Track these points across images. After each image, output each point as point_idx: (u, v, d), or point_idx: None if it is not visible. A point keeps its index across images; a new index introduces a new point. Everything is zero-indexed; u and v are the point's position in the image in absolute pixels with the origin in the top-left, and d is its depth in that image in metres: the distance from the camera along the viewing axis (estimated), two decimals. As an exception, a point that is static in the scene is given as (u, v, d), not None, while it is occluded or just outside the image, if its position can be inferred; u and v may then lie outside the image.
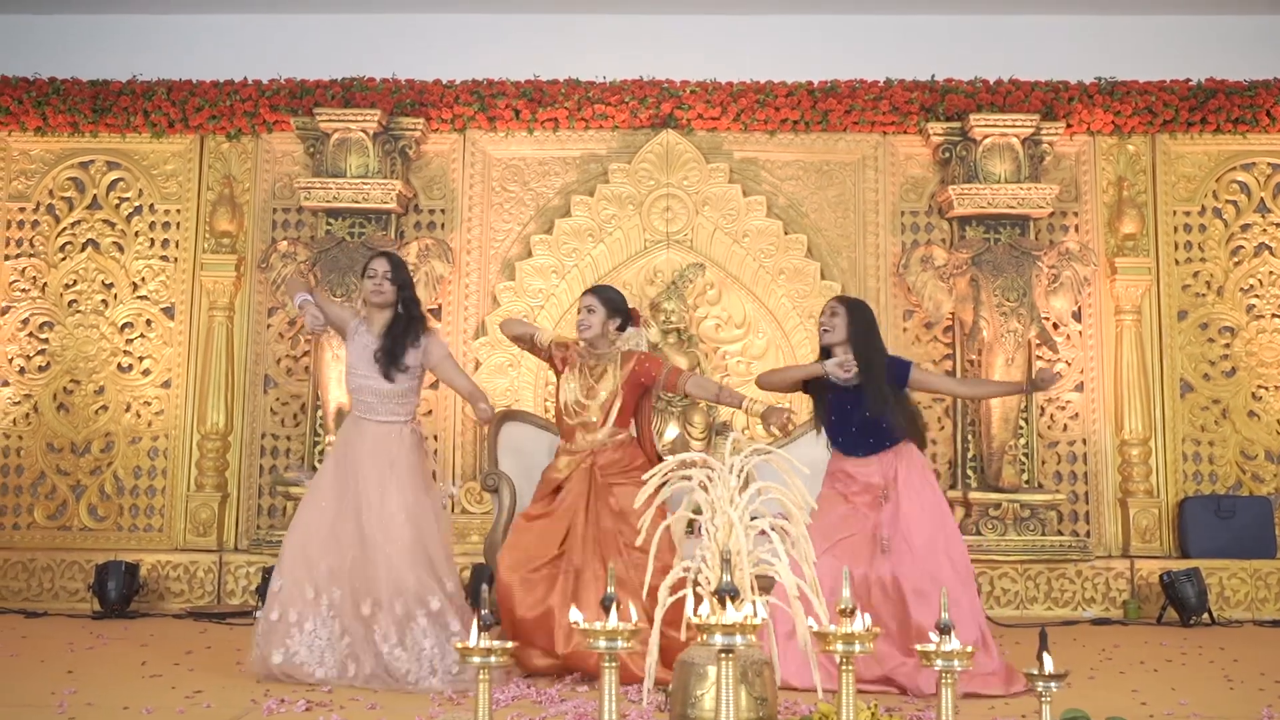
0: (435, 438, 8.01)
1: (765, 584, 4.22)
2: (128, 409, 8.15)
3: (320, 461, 7.72)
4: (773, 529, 3.50)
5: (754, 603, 3.16)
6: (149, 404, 8.15)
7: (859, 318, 5.21)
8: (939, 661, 3.11)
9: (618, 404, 5.28)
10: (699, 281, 7.99)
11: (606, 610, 3.16)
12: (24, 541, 7.97)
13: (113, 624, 6.93)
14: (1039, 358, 7.99)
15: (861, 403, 5.11)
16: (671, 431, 7.58)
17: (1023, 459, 7.85)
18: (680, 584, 3.57)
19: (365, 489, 4.99)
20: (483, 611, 3.18)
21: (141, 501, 8.10)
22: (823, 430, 5.32)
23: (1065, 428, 8.10)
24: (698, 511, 3.68)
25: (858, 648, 3.11)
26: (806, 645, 3.46)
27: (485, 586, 4.68)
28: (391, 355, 5.08)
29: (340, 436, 5.27)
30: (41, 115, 8.21)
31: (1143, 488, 7.94)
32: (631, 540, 4.90)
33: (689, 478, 3.71)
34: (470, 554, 7.59)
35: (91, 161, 8.37)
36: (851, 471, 5.15)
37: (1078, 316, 8.12)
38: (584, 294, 5.49)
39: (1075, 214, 8.26)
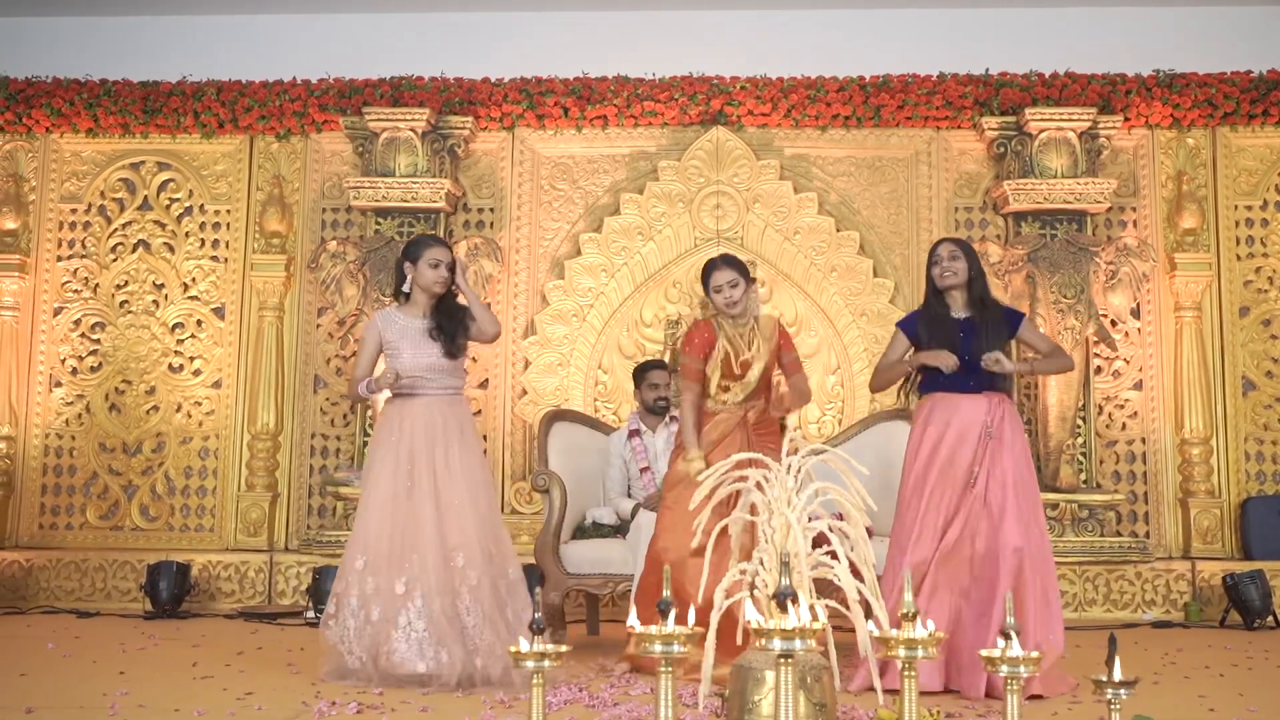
0: (485, 437, 7.98)
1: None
2: (179, 409, 8.17)
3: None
4: (832, 531, 3.42)
5: (813, 606, 3.08)
6: (200, 404, 8.17)
7: (976, 260, 5.19)
8: (1004, 667, 3.02)
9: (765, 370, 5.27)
10: (749, 280, 7.89)
11: (664, 615, 3.09)
12: (76, 541, 8.02)
13: (164, 624, 6.93)
14: (1097, 355, 7.85)
15: (974, 339, 5.04)
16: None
17: (1080, 458, 7.71)
18: (736, 587, 3.50)
19: (435, 458, 4.97)
20: (536, 615, 3.12)
21: (193, 501, 8.11)
22: (918, 373, 5.19)
23: (1124, 426, 7.95)
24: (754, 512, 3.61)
25: (920, 653, 3.03)
26: (867, 650, 3.38)
27: (538, 589, 4.62)
28: (451, 335, 5.05)
29: (386, 418, 5.12)
30: (93, 117, 8.25)
31: (1204, 487, 7.78)
32: None
33: (745, 478, 3.64)
34: (520, 554, 7.51)
35: (142, 162, 8.40)
36: (957, 406, 5.00)
37: (1136, 313, 7.96)
38: (717, 270, 5.26)
39: (1133, 209, 8.10)
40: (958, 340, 5.05)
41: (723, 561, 3.78)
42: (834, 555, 3.45)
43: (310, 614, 7.04)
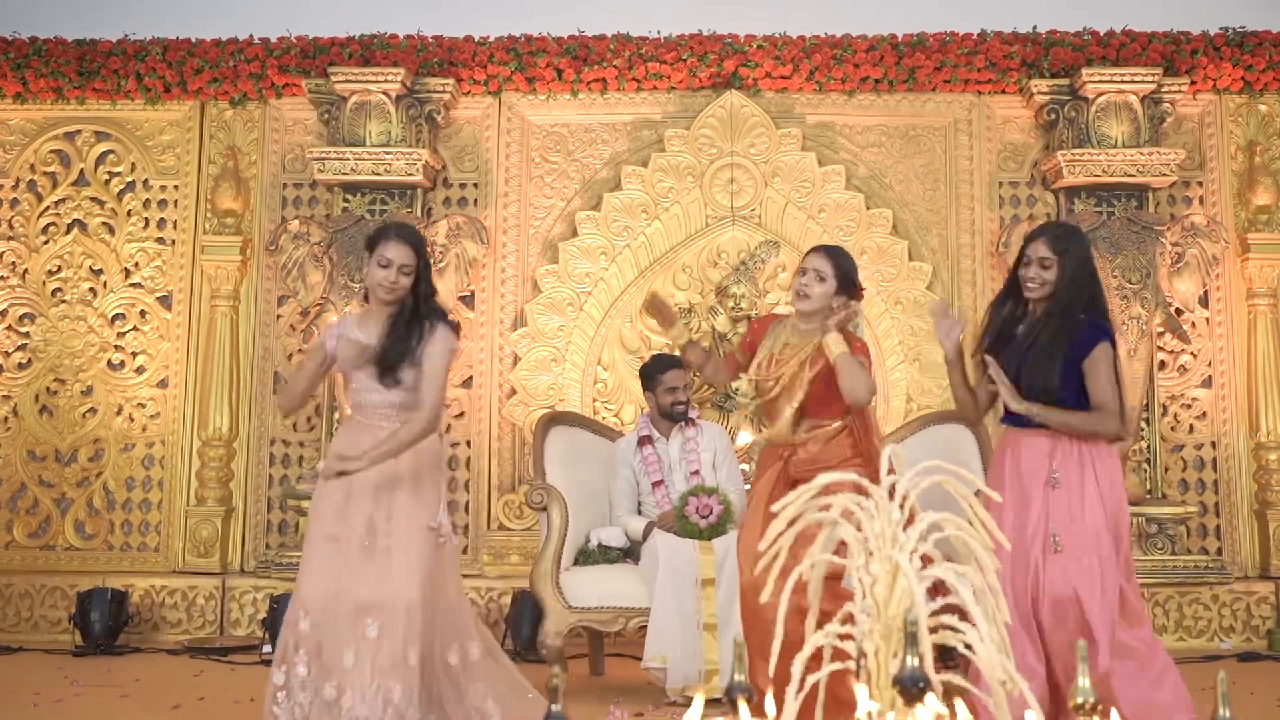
0: (468, 443, 7.02)
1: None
2: (119, 412, 7.16)
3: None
4: (958, 580, 2.47)
5: (949, 696, 2.15)
6: (143, 406, 7.17)
7: (1074, 262, 4.05)
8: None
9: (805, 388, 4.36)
10: (771, 263, 6.97)
11: (734, 705, 2.17)
12: (0, 564, 6.99)
13: (95, 662, 5.97)
14: (1160, 348, 6.94)
15: (1028, 365, 4.03)
16: (744, 437, 6.57)
17: (1145, 466, 6.80)
18: (817, 660, 2.54)
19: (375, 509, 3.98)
20: (553, 680, 2.17)
21: (135, 517, 7.11)
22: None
23: (1191, 429, 7.03)
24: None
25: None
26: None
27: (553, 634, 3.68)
28: (391, 363, 4.01)
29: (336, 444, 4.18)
30: (21, 80, 7.24)
31: (1283, 497, 6.89)
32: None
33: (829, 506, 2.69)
34: (509, 576, 6.68)
35: (78, 132, 7.39)
36: (1018, 443, 4.06)
37: (1204, 301, 7.05)
38: (814, 253, 4.56)
39: (1199, 184, 7.19)
40: (1010, 359, 4.07)
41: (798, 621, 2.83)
42: (958, 613, 2.50)
43: (267, 649, 6.10)
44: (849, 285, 4.46)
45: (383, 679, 3.72)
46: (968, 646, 2.46)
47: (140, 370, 7.21)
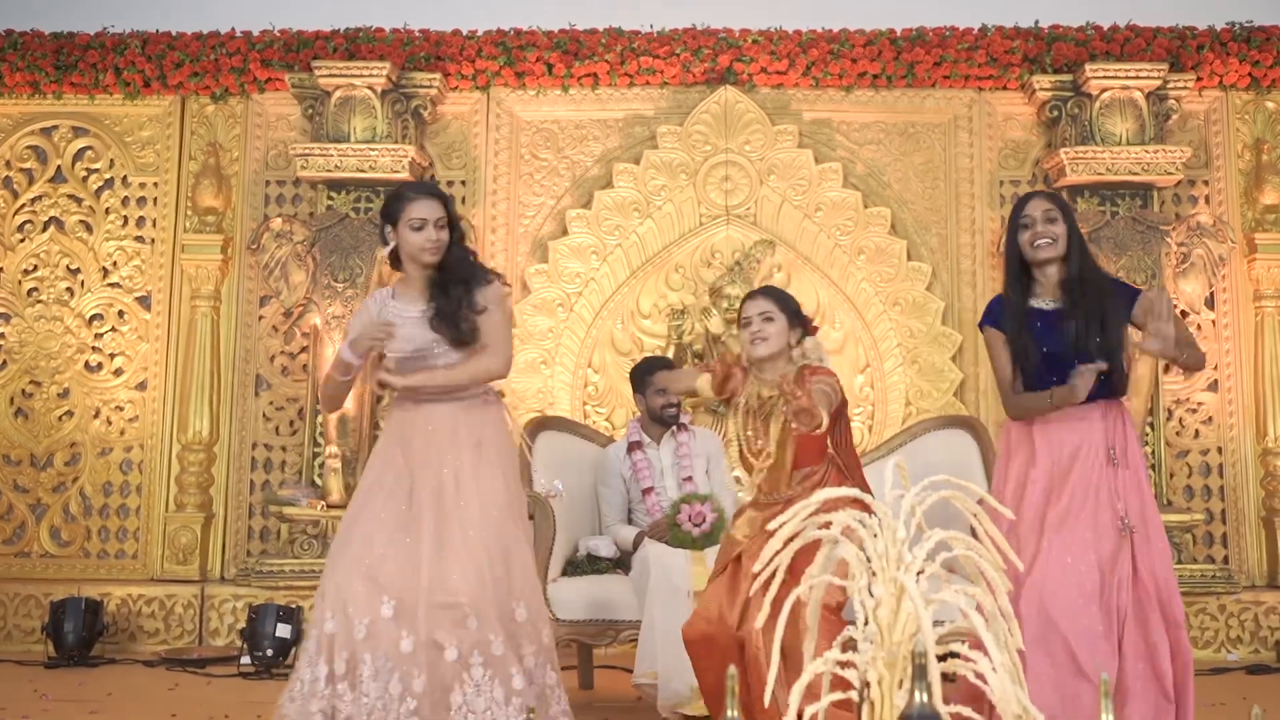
0: (455, 448, 6.84)
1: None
2: (97, 415, 6.97)
3: (320, 476, 6.60)
4: (976, 609, 2.29)
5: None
6: (121, 409, 6.98)
7: (1074, 223, 3.86)
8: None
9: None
10: (766, 263, 6.79)
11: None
12: (-26, 572, 6.82)
13: (67, 674, 5.77)
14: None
15: (1082, 333, 3.72)
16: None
17: (1149, 472, 6.62)
18: (815, 688, 2.36)
19: (440, 482, 3.71)
20: (530, 715, 1.99)
21: (112, 523, 6.92)
22: (1014, 379, 3.87)
23: (1197, 434, 6.87)
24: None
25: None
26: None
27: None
28: (453, 319, 3.77)
29: (384, 432, 3.93)
30: (-4, 73, 7.08)
31: (1291, 504, 6.72)
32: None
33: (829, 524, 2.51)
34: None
35: (55, 127, 7.20)
36: (1064, 424, 3.76)
37: (1210, 303, 6.89)
38: (750, 299, 4.16)
39: (1205, 182, 7.03)
40: (1029, 342, 3.77)
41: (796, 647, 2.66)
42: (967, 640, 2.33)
43: (245, 660, 5.91)
44: (798, 318, 4.14)
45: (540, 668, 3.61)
46: (979, 676, 2.29)
47: (118, 372, 7.02)
